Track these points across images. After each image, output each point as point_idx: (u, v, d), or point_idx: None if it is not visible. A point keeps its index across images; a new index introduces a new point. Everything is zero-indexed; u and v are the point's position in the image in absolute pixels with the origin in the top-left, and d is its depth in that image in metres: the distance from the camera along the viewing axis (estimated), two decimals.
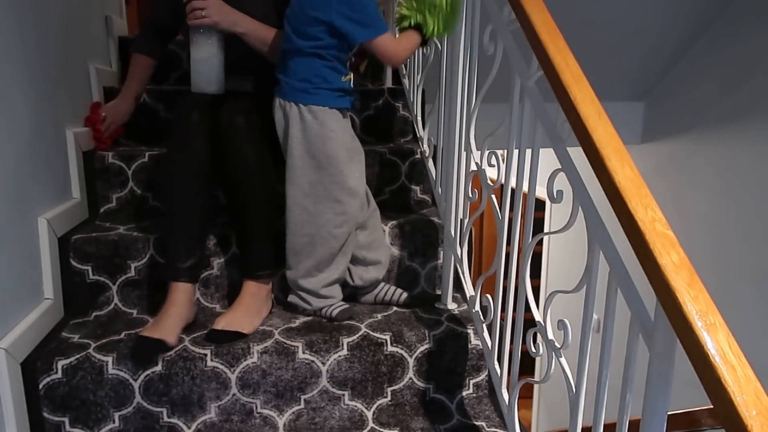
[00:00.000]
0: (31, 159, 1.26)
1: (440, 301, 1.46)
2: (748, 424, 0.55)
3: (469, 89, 1.32)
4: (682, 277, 0.66)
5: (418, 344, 1.30)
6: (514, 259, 1.16)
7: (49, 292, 1.30)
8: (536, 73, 1.03)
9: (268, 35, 1.38)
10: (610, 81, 2.53)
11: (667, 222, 0.72)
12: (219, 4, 1.30)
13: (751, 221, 2.15)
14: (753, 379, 0.58)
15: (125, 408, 1.20)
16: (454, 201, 1.40)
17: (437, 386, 1.32)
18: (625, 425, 0.79)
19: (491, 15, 1.19)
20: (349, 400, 1.29)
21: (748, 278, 2.17)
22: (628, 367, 0.77)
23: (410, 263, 1.52)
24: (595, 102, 0.87)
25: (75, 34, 1.61)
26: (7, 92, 1.15)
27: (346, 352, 1.26)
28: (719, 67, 2.31)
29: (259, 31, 1.37)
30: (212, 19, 1.28)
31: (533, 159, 1.06)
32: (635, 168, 0.79)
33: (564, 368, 0.93)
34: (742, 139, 2.20)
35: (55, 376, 1.16)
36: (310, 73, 1.26)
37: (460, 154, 1.38)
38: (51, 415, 1.18)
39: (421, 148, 1.76)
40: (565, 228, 0.93)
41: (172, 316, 1.24)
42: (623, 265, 0.80)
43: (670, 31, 2.33)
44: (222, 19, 1.30)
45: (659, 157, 2.65)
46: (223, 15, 1.30)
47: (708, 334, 0.61)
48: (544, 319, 1.01)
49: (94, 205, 1.60)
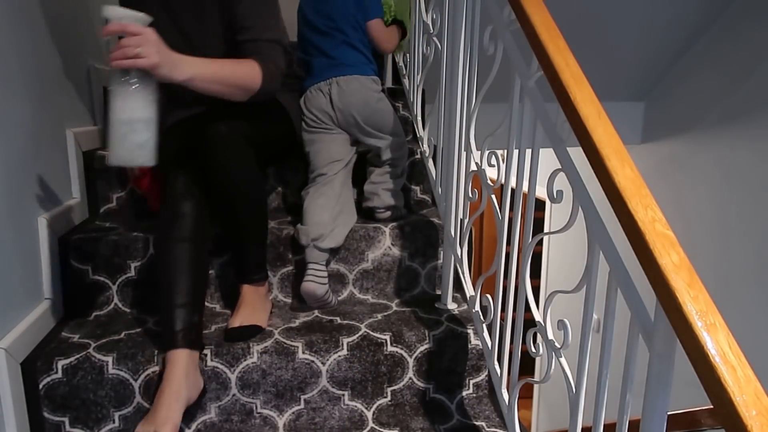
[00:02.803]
0: (31, 159, 1.26)
1: (440, 301, 1.46)
2: (748, 424, 0.55)
3: (469, 89, 1.33)
4: (682, 277, 0.66)
5: (418, 344, 1.30)
6: (514, 259, 1.16)
7: (49, 292, 1.30)
8: (536, 73, 1.03)
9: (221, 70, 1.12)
10: (610, 81, 2.53)
11: (667, 222, 0.72)
12: (157, 40, 1.01)
13: (751, 221, 2.15)
14: (753, 379, 0.58)
15: (125, 408, 1.20)
16: (454, 201, 1.40)
17: (437, 386, 1.32)
18: (625, 425, 0.79)
19: (491, 15, 1.19)
20: (349, 400, 1.29)
21: (748, 278, 2.16)
22: (628, 367, 0.77)
23: (410, 263, 1.52)
24: (595, 102, 0.87)
25: (75, 34, 1.61)
26: (7, 92, 1.15)
27: (346, 352, 1.26)
28: (719, 67, 2.31)
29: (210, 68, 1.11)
30: (150, 60, 0.97)
31: (533, 159, 1.05)
32: (635, 168, 0.79)
33: (564, 368, 0.93)
34: (742, 138, 2.20)
35: (55, 376, 1.16)
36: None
37: (460, 154, 1.38)
38: (51, 415, 1.18)
39: (421, 148, 1.76)
40: (565, 228, 0.93)
41: (167, 401, 1.07)
42: (623, 265, 0.80)
43: (670, 31, 2.33)
44: (163, 61, 0.99)
45: (659, 157, 2.65)
46: (164, 56, 1.00)
47: (708, 334, 0.61)
48: (544, 319, 1.01)
49: (94, 205, 1.60)
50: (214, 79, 1.10)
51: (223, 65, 1.13)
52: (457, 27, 1.33)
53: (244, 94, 1.20)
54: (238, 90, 1.17)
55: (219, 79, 1.12)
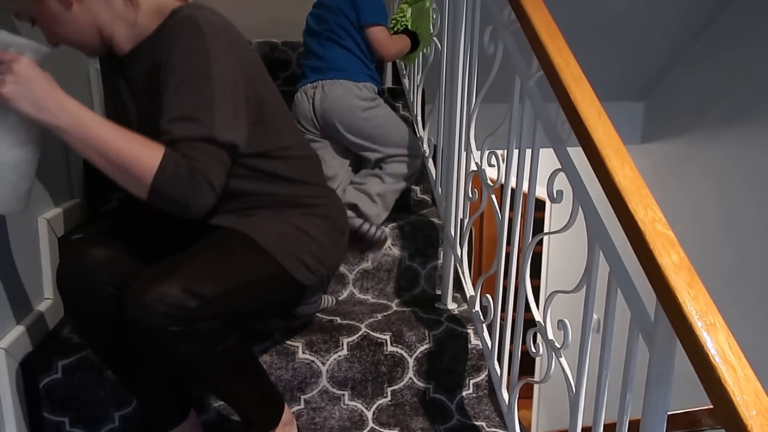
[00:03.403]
0: None
1: (440, 301, 1.46)
2: (748, 424, 0.55)
3: (469, 89, 1.33)
4: (682, 277, 0.66)
5: (418, 344, 1.30)
6: (514, 259, 1.16)
7: (49, 292, 1.30)
8: (536, 74, 1.03)
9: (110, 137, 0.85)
10: (610, 81, 2.53)
11: (667, 222, 0.72)
12: (28, 70, 0.80)
13: (751, 221, 2.15)
14: (753, 379, 0.58)
15: (125, 408, 1.20)
16: (454, 201, 1.40)
17: (437, 386, 1.32)
18: (625, 425, 0.79)
19: (491, 15, 1.19)
20: (349, 400, 1.29)
21: (748, 278, 2.17)
22: (628, 367, 0.77)
23: (410, 263, 1.52)
24: (595, 102, 0.87)
25: None
26: None
27: (346, 352, 1.26)
28: (719, 67, 2.31)
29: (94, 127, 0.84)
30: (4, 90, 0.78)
31: (533, 159, 1.06)
32: (635, 168, 0.79)
33: (564, 368, 0.93)
34: (742, 139, 2.20)
35: (55, 376, 1.16)
36: None
37: (460, 154, 1.38)
38: (51, 415, 1.18)
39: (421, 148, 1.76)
40: (565, 228, 0.93)
41: None
42: (623, 265, 0.80)
43: (670, 31, 2.33)
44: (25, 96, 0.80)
45: (659, 157, 2.66)
46: (30, 89, 0.80)
47: (708, 334, 0.61)
48: (544, 319, 1.01)
49: (94, 205, 1.60)
50: (93, 143, 0.84)
51: (118, 134, 0.85)
52: (458, 27, 1.33)
53: (131, 184, 0.87)
54: (121, 173, 0.86)
55: (99, 147, 0.84)
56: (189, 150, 0.87)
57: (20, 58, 0.81)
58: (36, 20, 0.92)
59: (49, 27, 0.93)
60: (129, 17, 0.96)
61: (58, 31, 0.93)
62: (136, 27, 0.96)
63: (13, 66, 0.80)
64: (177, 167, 0.85)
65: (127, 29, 0.96)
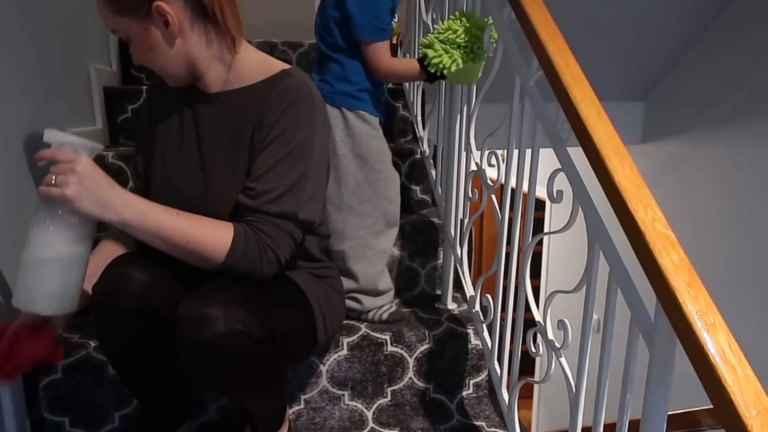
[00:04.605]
0: (31, 159, 1.26)
1: (440, 301, 1.46)
2: (748, 424, 0.55)
3: (469, 89, 1.33)
4: (682, 277, 0.66)
5: (418, 344, 1.30)
6: (514, 259, 1.16)
7: None
8: (536, 74, 1.03)
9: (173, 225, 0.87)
10: (610, 81, 2.53)
11: (667, 222, 0.72)
12: (85, 171, 0.81)
13: (751, 221, 2.15)
14: (753, 379, 0.58)
15: (125, 408, 1.20)
16: (454, 201, 1.40)
17: (437, 386, 1.32)
18: (625, 425, 0.79)
19: (491, 15, 1.19)
20: (349, 400, 1.29)
21: (748, 278, 2.17)
22: (628, 367, 0.77)
23: (410, 263, 1.52)
24: (595, 102, 0.87)
25: (75, 34, 1.61)
26: (7, 92, 1.15)
27: (346, 352, 1.26)
28: (719, 67, 2.31)
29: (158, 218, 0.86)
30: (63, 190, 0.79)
31: (533, 159, 1.06)
32: (635, 168, 0.79)
33: (564, 368, 0.93)
34: (742, 139, 2.20)
35: (55, 376, 1.16)
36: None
37: (460, 154, 1.38)
38: (51, 415, 1.18)
39: (421, 148, 1.76)
40: (565, 228, 0.93)
41: None
42: (623, 265, 0.80)
43: (670, 31, 2.33)
44: (85, 196, 0.81)
45: (659, 157, 2.66)
46: (89, 189, 0.81)
47: (708, 334, 0.61)
48: (544, 319, 1.01)
49: None
50: (159, 233, 0.86)
51: (180, 220, 0.88)
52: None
53: (202, 263, 0.90)
54: (192, 256, 0.89)
55: (166, 235, 0.87)
56: (264, 225, 0.91)
57: (80, 159, 0.82)
58: (132, 42, 0.92)
59: (144, 52, 0.92)
60: (226, 60, 0.97)
61: (153, 58, 0.93)
62: (233, 71, 0.98)
63: (75, 167, 0.81)
64: (247, 243, 0.90)
65: (223, 70, 0.98)
